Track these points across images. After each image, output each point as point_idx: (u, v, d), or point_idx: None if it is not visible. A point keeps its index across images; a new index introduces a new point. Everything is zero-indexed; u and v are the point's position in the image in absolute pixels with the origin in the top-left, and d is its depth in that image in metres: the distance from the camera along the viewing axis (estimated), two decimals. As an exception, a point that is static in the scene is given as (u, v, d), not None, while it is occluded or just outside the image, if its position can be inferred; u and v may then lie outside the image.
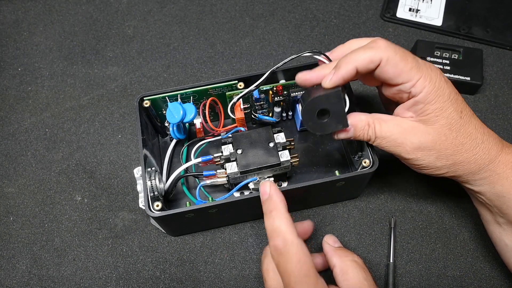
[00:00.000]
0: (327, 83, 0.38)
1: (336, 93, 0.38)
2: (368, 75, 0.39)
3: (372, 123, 0.39)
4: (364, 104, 0.57)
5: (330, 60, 0.42)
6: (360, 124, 0.39)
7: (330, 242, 0.42)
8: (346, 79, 0.37)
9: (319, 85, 0.39)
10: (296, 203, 0.49)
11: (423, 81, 0.36)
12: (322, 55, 0.42)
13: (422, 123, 0.38)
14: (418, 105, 0.37)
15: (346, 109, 0.40)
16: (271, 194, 0.37)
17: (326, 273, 0.42)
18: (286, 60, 0.42)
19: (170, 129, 0.50)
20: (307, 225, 0.44)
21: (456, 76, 0.56)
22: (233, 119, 0.49)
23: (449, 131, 0.38)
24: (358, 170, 0.44)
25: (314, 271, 0.34)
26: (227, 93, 0.49)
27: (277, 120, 0.52)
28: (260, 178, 0.45)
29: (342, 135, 0.40)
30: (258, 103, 0.50)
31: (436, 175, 0.41)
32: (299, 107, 0.50)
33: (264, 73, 0.43)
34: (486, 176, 0.39)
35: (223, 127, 0.49)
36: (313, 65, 0.49)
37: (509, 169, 0.38)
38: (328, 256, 0.41)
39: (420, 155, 0.39)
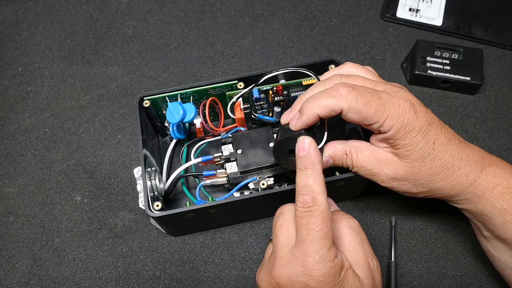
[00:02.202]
0: (293, 127, 0.39)
1: (300, 136, 0.38)
2: None
3: (349, 152, 0.40)
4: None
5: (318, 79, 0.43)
6: (338, 154, 0.40)
7: None
8: (309, 124, 0.38)
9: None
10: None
11: (390, 120, 0.36)
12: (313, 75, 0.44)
13: (396, 155, 0.38)
14: (388, 140, 0.38)
15: (323, 143, 0.40)
16: (310, 151, 0.36)
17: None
18: (287, 70, 0.44)
19: (170, 129, 0.50)
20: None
21: (456, 76, 0.56)
22: (233, 119, 0.49)
23: (422, 163, 0.38)
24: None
25: (331, 238, 0.33)
26: (227, 93, 0.49)
27: (277, 120, 0.52)
28: (260, 178, 0.45)
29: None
30: (258, 103, 0.50)
31: (416, 197, 0.42)
32: None
33: (264, 73, 0.43)
34: (467, 197, 0.40)
35: (223, 127, 0.49)
36: (317, 63, 0.49)
37: (489, 190, 0.39)
38: None
39: (396, 184, 0.40)
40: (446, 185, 0.39)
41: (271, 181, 0.45)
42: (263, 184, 0.44)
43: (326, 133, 0.40)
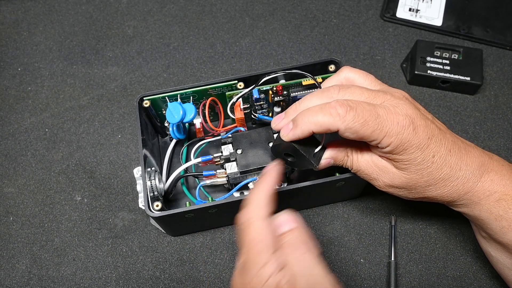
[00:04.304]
0: (284, 137, 0.38)
1: (290, 146, 0.38)
2: None
3: (350, 154, 0.40)
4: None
5: (319, 85, 0.43)
6: (340, 155, 0.40)
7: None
8: (301, 138, 0.37)
9: None
10: (296, 203, 0.49)
11: (387, 138, 0.36)
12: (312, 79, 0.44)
13: (394, 166, 0.38)
14: (386, 154, 0.38)
15: (319, 149, 0.39)
16: (268, 170, 0.38)
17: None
18: (285, 72, 0.44)
19: (170, 129, 0.50)
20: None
21: (456, 76, 0.56)
22: (233, 119, 0.49)
23: (419, 176, 0.38)
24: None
25: (268, 251, 0.33)
26: (227, 93, 0.49)
27: (277, 120, 0.52)
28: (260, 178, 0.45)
29: (322, 167, 0.41)
30: (258, 103, 0.50)
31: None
32: None
33: (264, 74, 0.43)
34: (463, 203, 0.40)
35: (223, 127, 0.49)
36: (317, 63, 0.49)
37: (485, 197, 0.38)
38: None
39: (392, 190, 0.40)
40: (442, 193, 0.39)
41: (271, 181, 0.45)
42: (263, 184, 0.44)
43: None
